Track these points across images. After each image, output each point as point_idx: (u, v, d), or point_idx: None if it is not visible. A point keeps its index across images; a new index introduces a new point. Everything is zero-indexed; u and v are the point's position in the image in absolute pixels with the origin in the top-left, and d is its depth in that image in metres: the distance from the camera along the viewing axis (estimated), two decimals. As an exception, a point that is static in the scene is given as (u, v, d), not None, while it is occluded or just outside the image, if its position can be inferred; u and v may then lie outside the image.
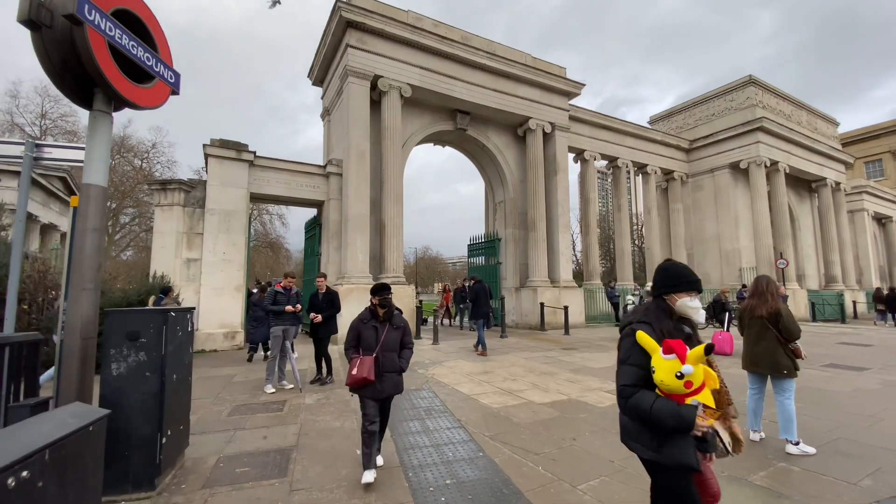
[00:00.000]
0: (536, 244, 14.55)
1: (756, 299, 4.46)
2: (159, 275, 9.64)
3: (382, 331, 3.55)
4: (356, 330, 3.59)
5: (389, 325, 3.59)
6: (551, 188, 15.34)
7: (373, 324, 3.57)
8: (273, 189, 11.99)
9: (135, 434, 3.20)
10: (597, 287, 16.87)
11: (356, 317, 3.68)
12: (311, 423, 4.90)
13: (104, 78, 3.70)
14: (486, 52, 13.88)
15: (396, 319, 3.66)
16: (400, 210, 12.32)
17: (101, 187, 3.95)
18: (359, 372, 3.36)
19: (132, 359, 3.26)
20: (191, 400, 3.94)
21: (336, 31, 12.35)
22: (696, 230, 22.84)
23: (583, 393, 6.02)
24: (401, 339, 3.63)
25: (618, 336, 2.25)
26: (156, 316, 3.33)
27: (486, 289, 10.35)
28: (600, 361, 8.51)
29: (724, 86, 23.12)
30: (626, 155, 19.66)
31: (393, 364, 3.52)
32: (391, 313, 3.65)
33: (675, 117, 25.05)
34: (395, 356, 3.56)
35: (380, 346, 3.49)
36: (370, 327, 3.56)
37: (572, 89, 15.87)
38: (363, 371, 3.36)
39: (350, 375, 3.40)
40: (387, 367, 3.48)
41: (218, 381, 7.03)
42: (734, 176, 21.99)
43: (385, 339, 3.53)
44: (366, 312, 3.66)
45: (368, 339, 3.53)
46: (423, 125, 13.98)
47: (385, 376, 3.47)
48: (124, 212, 30.91)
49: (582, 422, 4.81)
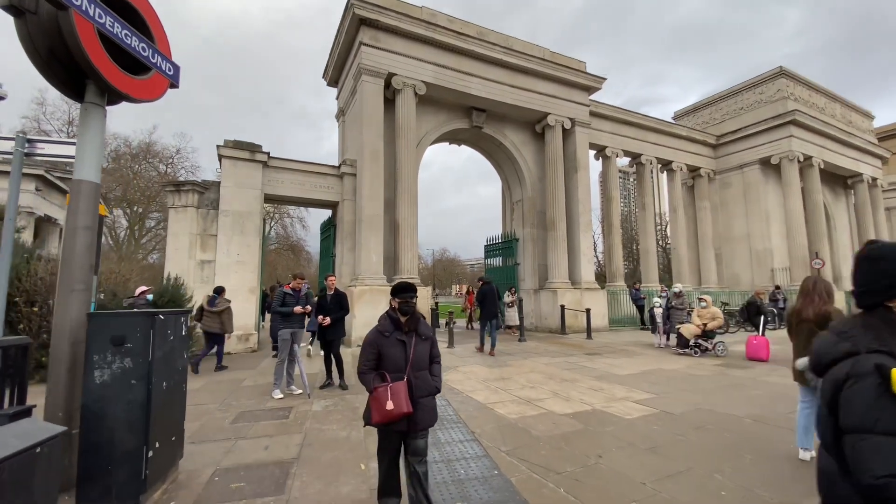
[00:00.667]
0: (556, 244, 14.05)
1: (803, 301, 3.97)
2: (173, 276, 9.58)
3: (410, 345, 2.80)
4: (375, 346, 2.79)
5: (416, 335, 2.85)
6: (571, 186, 14.82)
7: (397, 337, 2.80)
8: (287, 190, 11.87)
9: (119, 447, 2.96)
10: (620, 289, 16.21)
11: (372, 329, 2.88)
12: (316, 432, 4.62)
13: (93, 67, 3.49)
14: (502, 47, 13.50)
15: (423, 328, 2.92)
16: (414, 210, 12.04)
17: (92, 183, 3.75)
18: (395, 405, 2.59)
19: (117, 365, 3.02)
20: (185, 409, 3.69)
21: (349, 30, 12.18)
22: (725, 229, 21.87)
23: (608, 403, 5.57)
24: (429, 352, 2.93)
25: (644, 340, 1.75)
26: (142, 319, 3.08)
27: (493, 290, 10.15)
28: (626, 368, 8.00)
29: (753, 78, 22.13)
30: (650, 151, 18.94)
31: (427, 386, 2.79)
32: (417, 320, 2.90)
33: (701, 112, 24.12)
34: (427, 375, 2.83)
35: (410, 364, 2.75)
36: (395, 342, 2.79)
37: (593, 83, 15.32)
38: (400, 403, 2.60)
39: (381, 411, 2.60)
40: (421, 390, 2.74)
41: (226, 386, 6.84)
42: (765, 172, 20.97)
43: (415, 356, 2.79)
44: (385, 322, 2.86)
45: (394, 357, 2.76)
46: (438, 123, 13.68)
47: (420, 403, 2.71)
48: (150, 216, 31.64)
49: (608, 436, 4.38)
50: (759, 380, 7.17)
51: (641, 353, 9.90)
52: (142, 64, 4.00)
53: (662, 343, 10.79)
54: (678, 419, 4.93)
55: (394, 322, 2.85)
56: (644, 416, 5.01)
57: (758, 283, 20.21)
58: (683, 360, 8.96)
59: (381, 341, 2.80)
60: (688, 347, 9.58)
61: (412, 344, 2.81)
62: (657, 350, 10.33)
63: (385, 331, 2.82)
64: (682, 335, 9.63)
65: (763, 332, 9.50)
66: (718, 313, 9.63)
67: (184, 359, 3.64)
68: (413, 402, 2.67)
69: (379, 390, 2.66)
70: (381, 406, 2.61)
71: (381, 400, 2.63)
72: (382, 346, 2.78)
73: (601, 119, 17.16)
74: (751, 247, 21.00)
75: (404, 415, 2.62)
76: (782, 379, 7.19)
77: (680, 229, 19.97)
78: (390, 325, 2.84)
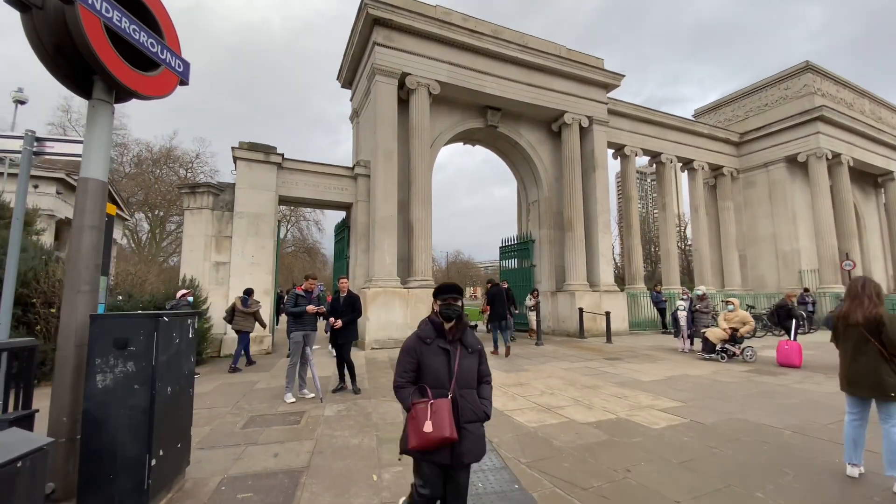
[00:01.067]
0: (574, 245, 13.71)
1: (850, 303, 3.65)
2: (188, 278, 9.60)
3: (455, 356, 2.36)
4: (414, 354, 2.37)
5: (462, 346, 2.42)
6: (589, 185, 14.48)
7: (440, 344, 2.38)
8: (301, 192, 11.83)
9: (120, 454, 2.83)
10: (640, 291, 15.75)
11: (412, 335, 2.48)
12: (327, 438, 4.45)
13: (99, 62, 3.39)
14: (518, 44, 13.27)
15: (470, 338, 2.48)
16: (428, 211, 11.88)
17: (99, 181, 3.65)
18: (436, 428, 2.12)
19: (119, 369, 2.90)
20: (192, 414, 3.56)
21: (363, 30, 12.11)
22: (749, 229, 21.16)
23: (633, 411, 5.28)
24: (477, 368, 2.45)
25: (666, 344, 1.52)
26: (146, 321, 2.95)
27: (502, 292, 10.14)
28: (650, 373, 7.66)
29: (778, 73, 21.41)
30: (670, 150, 18.43)
31: (475, 408, 2.31)
32: (464, 328, 2.47)
33: (723, 109, 23.44)
34: (475, 396, 2.35)
35: (454, 380, 2.31)
36: (437, 350, 2.36)
37: (611, 81, 14.97)
38: (442, 425, 2.13)
39: (419, 434, 2.15)
40: (467, 413, 2.27)
41: (239, 389, 6.75)
42: (791, 170, 20.24)
43: (460, 370, 2.33)
44: (426, 327, 2.45)
45: (436, 369, 2.33)
46: (453, 123, 13.51)
47: (466, 430, 2.23)
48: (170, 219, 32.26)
49: (636, 448, 4.10)
50: (793, 387, 6.77)
51: (664, 357, 9.51)
52: (151, 61, 3.91)
53: (686, 348, 10.38)
54: (710, 430, 4.61)
55: (436, 328, 2.43)
56: (673, 427, 4.70)
57: (784, 286, 19.48)
58: (709, 365, 8.57)
59: (421, 349, 2.37)
60: (714, 352, 9.17)
61: (457, 355, 2.36)
62: (681, 355, 9.93)
63: (426, 337, 2.39)
64: (708, 340, 9.22)
65: (795, 337, 9.03)
66: (748, 317, 9.19)
67: (191, 362, 3.51)
68: (457, 427, 2.20)
69: (418, 407, 2.21)
70: (419, 427, 2.15)
71: (419, 419, 2.17)
72: (422, 354, 2.36)
73: (619, 117, 16.76)
74: (777, 248, 20.27)
75: (446, 440, 2.13)
76: (818, 387, 6.79)
77: (702, 230, 19.37)
78: (432, 330, 2.42)
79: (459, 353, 2.38)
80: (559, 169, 14.66)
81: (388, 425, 4.82)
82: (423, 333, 2.43)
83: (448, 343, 2.40)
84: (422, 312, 10.95)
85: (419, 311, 10.98)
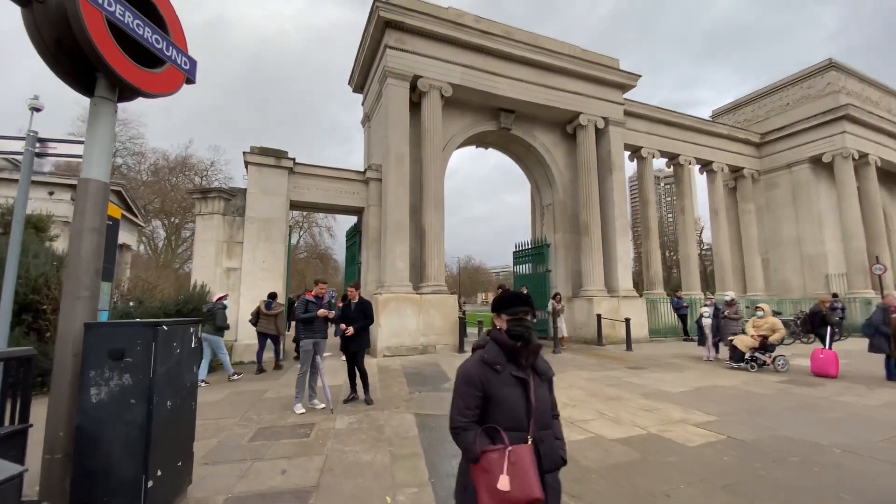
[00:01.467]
0: (591, 250, 13.33)
1: None
2: (200, 284, 9.49)
3: (530, 386, 1.85)
4: (480, 385, 1.81)
5: (534, 373, 1.92)
6: (606, 188, 14.10)
7: (513, 372, 1.84)
8: (313, 196, 11.70)
9: (115, 475, 2.62)
10: (660, 297, 15.25)
11: (472, 360, 1.92)
12: (338, 454, 4.20)
13: (101, 57, 3.22)
14: (531, 45, 13.03)
15: (542, 363, 1.99)
16: (440, 216, 11.64)
17: (101, 183, 3.47)
18: (517, 486, 1.62)
19: (115, 382, 2.70)
20: (194, 429, 3.34)
21: (374, 34, 12.00)
22: (772, 233, 20.48)
23: (664, 426, 4.92)
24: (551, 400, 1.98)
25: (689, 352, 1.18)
26: (143, 330, 2.75)
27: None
28: (676, 384, 7.26)
29: (800, 72, 20.80)
30: (688, 151, 17.95)
31: (554, 454, 1.83)
32: (537, 350, 1.94)
33: (742, 110, 22.86)
34: (552, 437, 1.87)
35: (533, 418, 1.80)
36: (510, 380, 1.83)
37: (627, 81, 14.62)
38: (525, 481, 1.64)
39: (493, 493, 1.64)
40: (549, 461, 1.79)
41: (248, 398, 6.55)
42: (815, 171, 19.56)
43: (538, 403, 1.83)
44: (494, 350, 1.89)
45: (511, 404, 1.79)
46: (465, 126, 13.29)
47: (547, 483, 1.75)
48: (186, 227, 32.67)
49: (672, 468, 3.76)
50: (833, 400, 6.32)
51: (690, 367, 9.08)
52: (157, 58, 3.76)
53: (712, 356, 9.91)
54: (751, 448, 4.24)
55: (507, 351, 1.88)
56: (710, 444, 4.34)
57: (810, 291, 18.78)
58: (739, 375, 8.12)
59: (490, 378, 1.81)
60: (743, 361, 8.71)
61: (532, 384, 1.85)
62: (706, 364, 9.47)
63: (493, 361, 1.85)
64: (737, 348, 8.76)
65: (830, 345, 8.54)
66: (778, 324, 8.72)
67: (193, 373, 3.30)
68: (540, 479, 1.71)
69: (491, 457, 1.67)
70: (492, 484, 1.63)
71: (492, 472, 1.64)
72: (491, 385, 1.80)
73: (636, 118, 16.37)
74: (802, 251, 19.55)
75: (531, 502, 1.63)
76: (861, 399, 6.33)
77: (722, 233, 18.79)
78: (501, 354, 1.88)
79: (533, 381, 1.87)
80: (574, 171, 14.32)
81: (402, 440, 4.55)
82: (491, 358, 1.86)
83: (521, 370, 1.86)
84: (435, 319, 10.69)
85: (432, 317, 10.71)
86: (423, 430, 4.84)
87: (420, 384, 7.25)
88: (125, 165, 32.34)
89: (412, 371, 8.32)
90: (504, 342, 1.90)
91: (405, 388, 6.94)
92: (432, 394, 6.58)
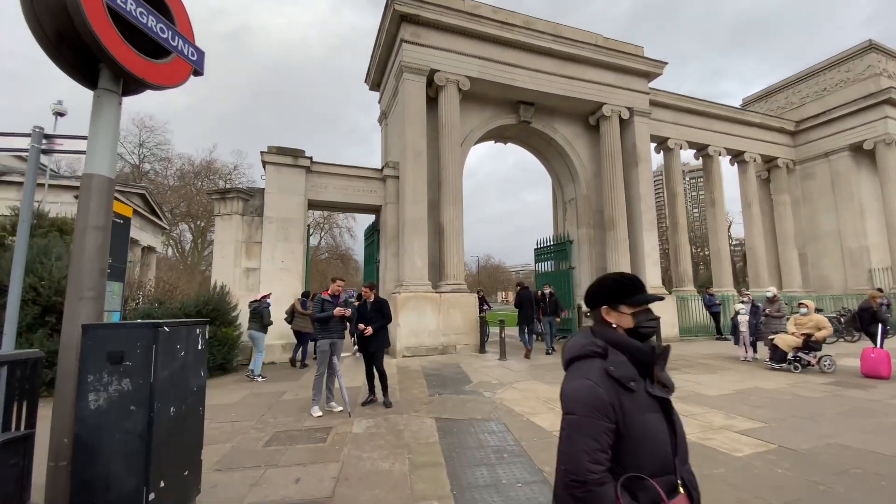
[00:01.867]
0: (616, 245, 12.82)
1: None
2: (220, 285, 9.49)
3: (673, 408, 1.36)
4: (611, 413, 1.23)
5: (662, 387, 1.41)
6: (632, 181, 13.55)
7: (649, 390, 1.30)
8: (330, 195, 11.60)
9: (115, 487, 2.45)
10: (690, 294, 14.58)
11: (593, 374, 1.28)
12: (354, 461, 3.98)
13: (102, 47, 3.06)
14: (551, 34, 12.61)
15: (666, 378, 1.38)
16: (459, 212, 11.37)
17: (105, 178, 3.32)
18: None
19: (114, 388, 2.53)
20: (202, 436, 3.16)
21: (390, 29, 11.81)
22: (809, 225, 19.43)
23: (706, 433, 4.53)
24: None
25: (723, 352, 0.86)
26: (143, 331, 2.57)
27: (531, 296, 10.49)
28: (714, 387, 6.79)
29: (837, 55, 19.65)
30: (718, 141, 17.15)
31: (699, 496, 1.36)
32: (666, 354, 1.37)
33: (775, 97, 21.77)
34: (691, 473, 1.36)
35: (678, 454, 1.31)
36: (647, 401, 1.29)
37: (652, 69, 14.01)
38: None
39: None
40: None
41: (266, 399, 6.43)
42: (856, 159, 18.45)
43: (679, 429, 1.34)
44: (619, 358, 1.32)
45: (656, 435, 1.26)
46: (483, 120, 12.97)
47: None
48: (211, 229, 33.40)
49: (721, 482, 3.39)
50: (889, 403, 5.78)
51: (726, 367, 8.55)
52: (163, 49, 3.62)
53: (749, 356, 9.33)
54: (807, 459, 3.82)
55: (641, 360, 1.32)
56: (760, 454, 3.94)
57: (852, 286, 17.73)
58: (782, 377, 7.57)
59: (625, 402, 1.24)
60: (785, 362, 8.14)
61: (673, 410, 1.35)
62: (744, 364, 8.91)
63: (629, 378, 1.27)
64: (778, 347, 8.20)
65: (882, 344, 7.89)
66: (824, 322, 8.11)
67: (201, 377, 3.12)
68: None
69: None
70: None
71: None
72: (627, 413, 1.23)
73: (662, 108, 15.69)
74: (842, 244, 18.46)
75: None
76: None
77: (755, 226, 17.91)
78: (629, 365, 1.30)
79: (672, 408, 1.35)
80: (598, 164, 13.82)
81: (421, 446, 4.30)
82: (622, 371, 1.27)
83: (658, 387, 1.31)
84: (455, 318, 10.43)
85: (452, 316, 10.45)
86: (444, 436, 4.59)
87: (440, 386, 7.00)
88: (153, 171, 33.33)
89: (432, 372, 8.09)
90: (636, 348, 1.32)
91: (425, 390, 6.70)
92: (453, 396, 6.32)
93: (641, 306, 1.39)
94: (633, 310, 1.39)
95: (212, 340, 8.13)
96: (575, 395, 1.27)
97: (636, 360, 1.31)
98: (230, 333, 8.64)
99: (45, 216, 8.42)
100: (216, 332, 8.28)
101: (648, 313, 1.39)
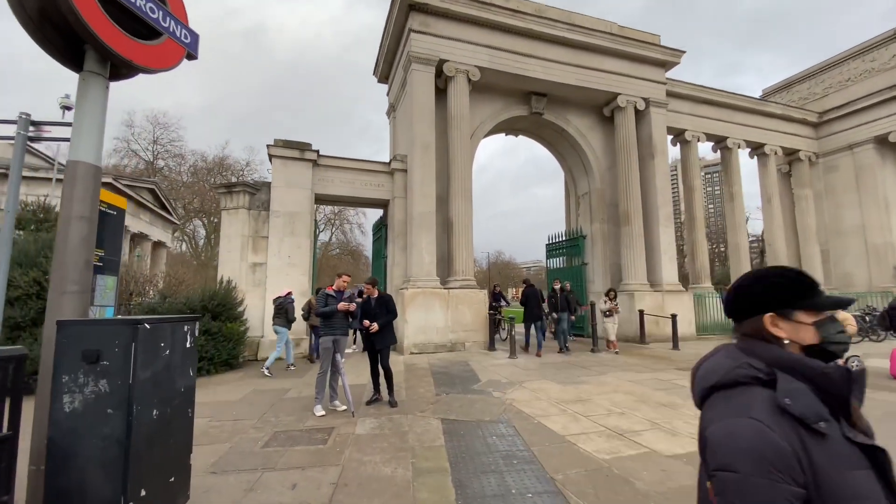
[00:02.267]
0: (632, 241, 12.43)
1: None
2: (226, 280, 9.38)
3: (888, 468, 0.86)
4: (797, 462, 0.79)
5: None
6: (647, 174, 13.12)
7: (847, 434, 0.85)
8: (337, 189, 11.41)
9: (91, 496, 2.27)
10: (707, 291, 14.13)
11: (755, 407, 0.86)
12: (355, 465, 3.78)
13: (86, 26, 2.86)
14: (564, 23, 12.22)
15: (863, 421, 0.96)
16: (469, 207, 11.11)
17: (91, 165, 3.13)
18: None
19: (90, 389, 2.34)
20: (192, 439, 2.97)
21: (398, 18, 11.54)
22: (832, 220, 18.74)
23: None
24: None
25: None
26: (121, 329, 2.38)
27: (537, 293, 10.31)
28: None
29: (861, 44, 18.85)
30: (737, 133, 16.57)
31: None
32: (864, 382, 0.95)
33: (796, 87, 21.00)
34: None
35: None
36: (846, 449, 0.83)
37: (669, 58, 13.53)
38: None
39: None
40: None
41: (269, 397, 6.27)
42: (881, 152, 17.72)
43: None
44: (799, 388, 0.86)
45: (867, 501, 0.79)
46: (494, 112, 12.66)
47: None
48: (222, 225, 33.57)
49: None
50: (928, 410, 5.38)
51: (747, 368, 8.17)
52: (154, 31, 3.42)
53: (771, 356, 8.92)
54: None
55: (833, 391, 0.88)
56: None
57: (876, 283, 17.09)
58: (808, 378, 7.18)
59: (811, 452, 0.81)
60: (810, 362, 7.74)
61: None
62: (766, 364, 8.52)
63: (814, 415, 0.83)
64: (803, 347, 7.79)
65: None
66: (850, 319, 7.67)
67: (189, 377, 2.93)
68: None
69: None
70: None
71: None
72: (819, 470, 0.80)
73: (679, 99, 15.17)
74: (867, 241, 17.76)
75: None
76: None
77: (776, 221, 17.31)
78: (815, 399, 0.86)
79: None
80: (612, 157, 13.42)
81: (426, 450, 4.08)
82: (802, 404, 0.84)
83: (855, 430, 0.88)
84: (464, 315, 10.19)
85: (461, 313, 10.22)
86: (449, 439, 4.36)
87: (448, 385, 6.78)
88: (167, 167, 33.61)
89: (440, 370, 7.86)
90: (821, 371, 0.89)
91: (432, 389, 6.48)
92: (461, 396, 6.09)
93: (819, 312, 0.97)
94: (815, 318, 0.96)
95: (217, 336, 8.01)
96: (733, 442, 0.84)
97: (821, 390, 0.87)
98: (236, 329, 8.52)
99: (51, 210, 8.36)
100: (221, 327, 8.16)
101: (836, 324, 0.96)
